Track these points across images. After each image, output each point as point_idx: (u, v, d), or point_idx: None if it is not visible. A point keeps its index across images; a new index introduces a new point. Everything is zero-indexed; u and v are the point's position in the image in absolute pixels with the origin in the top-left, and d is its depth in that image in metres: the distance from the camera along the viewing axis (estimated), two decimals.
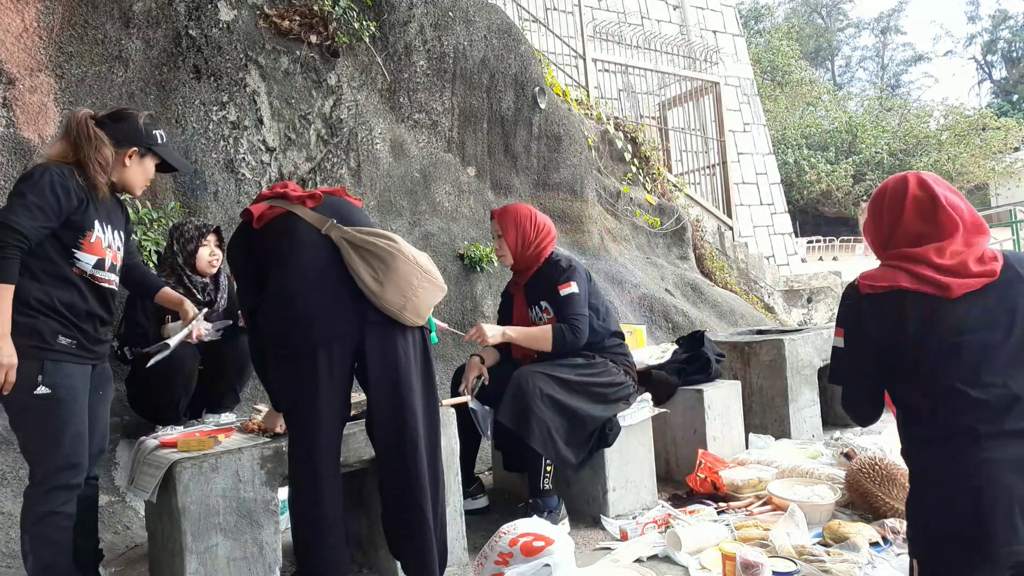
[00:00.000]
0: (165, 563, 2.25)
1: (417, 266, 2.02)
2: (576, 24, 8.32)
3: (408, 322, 2.05)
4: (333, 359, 2.02)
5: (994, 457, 1.46)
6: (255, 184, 3.97)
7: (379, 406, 2.09)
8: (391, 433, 2.08)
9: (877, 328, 1.61)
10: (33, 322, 2.08)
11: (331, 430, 2.08)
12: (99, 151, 2.18)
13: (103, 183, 2.19)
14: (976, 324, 1.52)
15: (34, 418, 2.08)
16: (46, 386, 2.07)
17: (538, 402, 2.67)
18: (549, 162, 5.64)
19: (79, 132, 2.18)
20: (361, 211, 2.26)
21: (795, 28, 29.84)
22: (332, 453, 2.09)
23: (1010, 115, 25.25)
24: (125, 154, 2.24)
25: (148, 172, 2.32)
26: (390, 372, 2.05)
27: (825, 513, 2.73)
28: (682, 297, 6.18)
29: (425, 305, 2.06)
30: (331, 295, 2.03)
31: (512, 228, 2.97)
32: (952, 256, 1.57)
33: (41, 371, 2.07)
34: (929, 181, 1.65)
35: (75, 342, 2.15)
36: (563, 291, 2.88)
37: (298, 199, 2.16)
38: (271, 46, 4.09)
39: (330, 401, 2.04)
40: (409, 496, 2.07)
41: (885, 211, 1.70)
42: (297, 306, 2.03)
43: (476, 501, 3.11)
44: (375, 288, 1.99)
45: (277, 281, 2.08)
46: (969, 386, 1.50)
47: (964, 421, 1.50)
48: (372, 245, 2.01)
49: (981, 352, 1.51)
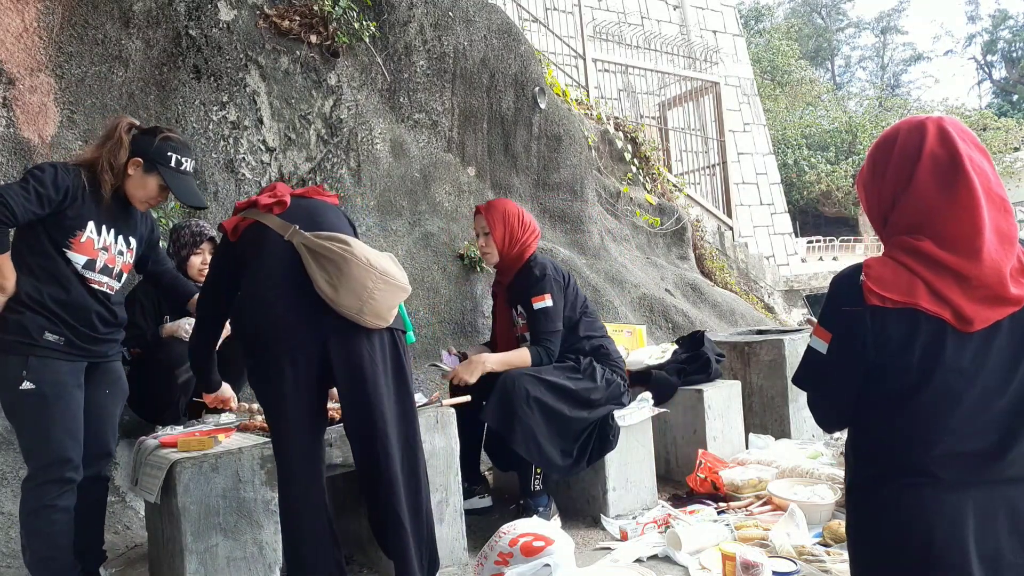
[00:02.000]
0: (165, 563, 2.26)
1: (371, 269, 1.99)
2: (576, 24, 8.32)
3: (369, 324, 2.03)
4: (299, 367, 2.02)
5: (960, 503, 1.25)
6: (255, 184, 3.97)
7: (347, 411, 2.09)
8: (361, 438, 2.08)
9: (876, 347, 1.27)
10: (19, 318, 2.12)
11: (302, 437, 2.07)
12: (113, 152, 2.25)
13: (107, 182, 2.24)
14: (982, 367, 1.24)
15: (23, 413, 2.15)
16: (30, 382, 2.11)
17: (524, 406, 2.66)
18: (549, 162, 5.64)
19: (109, 132, 2.29)
20: (332, 210, 2.26)
21: (795, 28, 29.83)
22: (307, 458, 2.08)
23: (1010, 115, 25.23)
24: (131, 162, 2.28)
25: (149, 190, 2.33)
26: (355, 376, 2.04)
27: (825, 513, 2.73)
28: (682, 297, 6.18)
29: (385, 307, 2.04)
30: (294, 303, 2.03)
31: (500, 224, 2.90)
32: (991, 270, 1.22)
33: (25, 367, 2.11)
34: (952, 132, 1.28)
35: (63, 339, 2.17)
36: (536, 304, 2.82)
37: (265, 207, 2.16)
38: (271, 46, 4.08)
39: (298, 409, 2.03)
40: (383, 499, 2.06)
41: (891, 169, 1.32)
42: (262, 315, 2.05)
43: (481, 500, 3.11)
44: (330, 293, 1.98)
45: (245, 290, 2.12)
46: (957, 437, 1.25)
47: (941, 471, 1.26)
48: (326, 250, 2.00)
49: (979, 399, 1.24)
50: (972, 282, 1.22)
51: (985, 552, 1.25)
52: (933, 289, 1.23)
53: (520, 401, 2.65)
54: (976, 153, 1.28)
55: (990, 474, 1.25)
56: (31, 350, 2.12)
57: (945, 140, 1.27)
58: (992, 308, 1.23)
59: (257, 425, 2.43)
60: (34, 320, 2.13)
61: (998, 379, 1.24)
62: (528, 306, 2.84)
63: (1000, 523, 1.25)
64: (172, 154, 2.30)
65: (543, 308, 2.81)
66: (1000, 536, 1.25)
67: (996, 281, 1.22)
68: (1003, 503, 1.26)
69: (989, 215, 1.23)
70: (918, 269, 1.25)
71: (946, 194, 1.25)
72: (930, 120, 1.31)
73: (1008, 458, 1.25)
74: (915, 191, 1.28)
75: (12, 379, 2.11)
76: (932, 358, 1.24)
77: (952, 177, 1.25)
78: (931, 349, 1.24)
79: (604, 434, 2.85)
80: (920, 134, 1.29)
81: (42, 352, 2.13)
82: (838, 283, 1.34)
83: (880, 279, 1.26)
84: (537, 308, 2.82)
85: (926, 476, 1.27)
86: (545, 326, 2.82)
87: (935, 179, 1.26)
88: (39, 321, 2.13)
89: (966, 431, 1.25)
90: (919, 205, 1.28)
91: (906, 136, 1.31)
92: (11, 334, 2.11)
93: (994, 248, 1.22)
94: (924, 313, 1.23)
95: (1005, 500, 1.26)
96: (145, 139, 2.30)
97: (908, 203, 1.29)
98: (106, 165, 2.23)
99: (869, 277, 1.27)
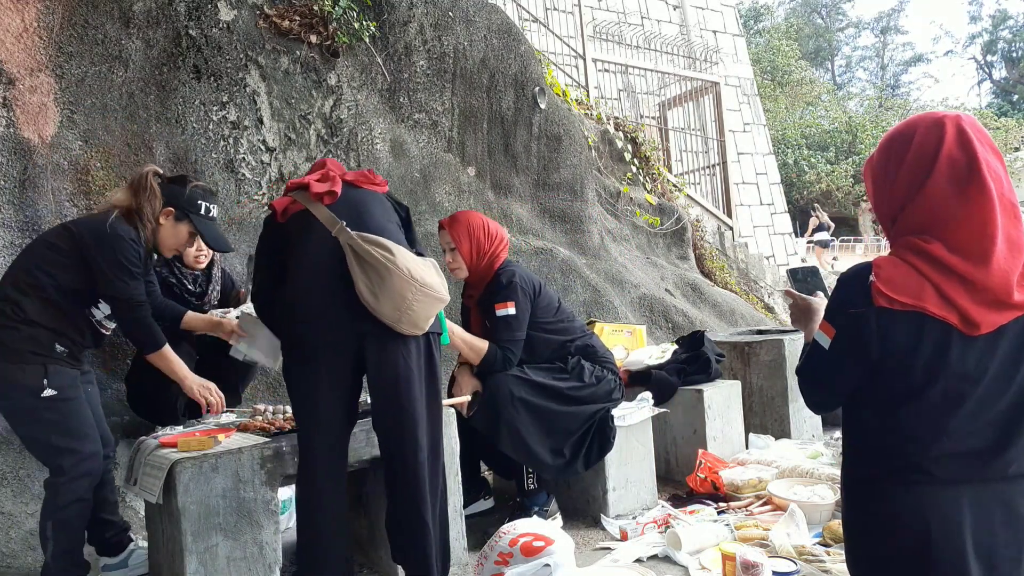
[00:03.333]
0: (165, 563, 2.26)
1: (412, 281, 1.99)
2: (576, 24, 8.32)
3: (405, 332, 2.04)
4: (334, 364, 2.04)
5: (956, 500, 1.25)
6: (255, 184, 3.97)
7: (381, 414, 2.10)
8: (393, 442, 2.10)
9: (880, 348, 1.26)
10: (34, 331, 2.20)
11: (330, 434, 2.09)
12: (151, 203, 2.33)
13: (150, 233, 2.33)
14: (986, 371, 1.23)
15: (46, 419, 2.19)
16: (52, 388, 2.18)
17: (509, 407, 2.65)
18: (549, 162, 5.64)
19: (140, 183, 2.35)
20: (380, 203, 2.25)
21: (795, 28, 29.85)
22: (332, 456, 2.10)
23: (1010, 115, 25.25)
24: (163, 212, 2.35)
25: (179, 237, 2.42)
26: (389, 381, 2.05)
27: (825, 513, 2.73)
28: (682, 297, 6.18)
29: (423, 317, 2.05)
30: (333, 300, 2.04)
31: (466, 238, 2.80)
32: (999, 277, 1.21)
33: (45, 375, 2.18)
34: (971, 135, 1.25)
35: (67, 351, 2.27)
36: (499, 311, 2.75)
37: (316, 196, 2.15)
38: (271, 46, 4.08)
39: (329, 405, 2.05)
40: (410, 504, 2.08)
41: (906, 168, 1.28)
42: (302, 311, 2.06)
43: (485, 502, 3.11)
44: (370, 299, 1.99)
45: (290, 282, 2.12)
46: (956, 438, 1.25)
47: (937, 469, 1.26)
48: (370, 256, 2.00)
49: (980, 402, 1.24)
50: (978, 286, 1.21)
51: (981, 547, 1.25)
52: (941, 292, 1.22)
53: (505, 403, 2.65)
54: (992, 157, 1.25)
55: (986, 473, 1.26)
56: (47, 359, 2.20)
57: (964, 143, 1.24)
58: (998, 313, 1.22)
59: (257, 425, 2.43)
60: (46, 335, 2.22)
61: (1000, 383, 1.24)
62: (491, 313, 2.77)
63: (995, 518, 1.26)
64: (202, 202, 2.41)
65: (505, 316, 2.74)
66: (995, 530, 1.26)
67: (1002, 288, 1.21)
68: (998, 499, 1.27)
69: (1002, 223, 1.22)
70: (927, 271, 1.23)
71: (961, 199, 1.23)
72: (948, 118, 1.27)
73: (1005, 458, 1.26)
74: (929, 193, 1.25)
75: (34, 386, 2.16)
76: (937, 361, 1.23)
77: (968, 182, 1.23)
78: (937, 353, 1.23)
79: (604, 435, 2.85)
80: (939, 134, 1.26)
81: (54, 361, 2.22)
82: (847, 280, 1.32)
83: (890, 280, 1.24)
84: (499, 315, 2.75)
85: (922, 474, 1.27)
86: (505, 334, 2.74)
87: (951, 183, 1.24)
88: (50, 336, 2.23)
89: (965, 432, 1.25)
90: (932, 207, 1.25)
91: (924, 135, 1.27)
92: (25, 344, 2.18)
93: (1004, 256, 1.22)
94: (931, 316, 1.22)
95: (1000, 496, 1.27)
96: (175, 188, 2.39)
97: (920, 204, 1.27)
98: (149, 217, 2.32)
99: (879, 278, 1.25)
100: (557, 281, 5.08)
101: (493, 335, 2.76)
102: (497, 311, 2.74)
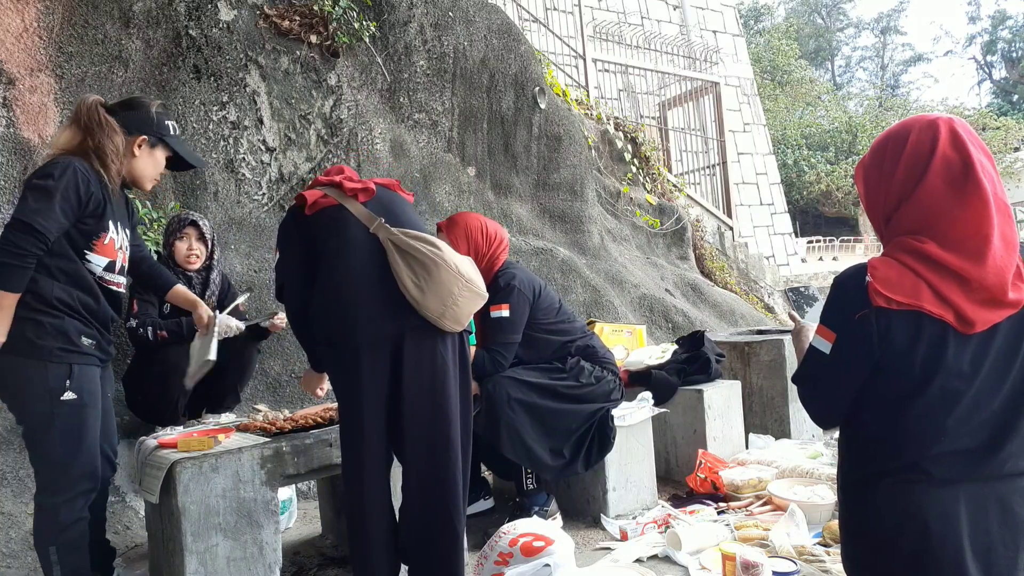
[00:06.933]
0: (165, 563, 2.25)
1: (459, 275, 1.99)
2: (576, 24, 8.32)
3: (447, 328, 2.03)
4: (376, 360, 2.01)
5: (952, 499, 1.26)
6: (255, 184, 3.97)
7: (415, 415, 2.04)
8: (428, 445, 2.04)
9: (881, 348, 1.27)
10: (60, 323, 2.00)
11: (375, 427, 2.04)
12: (111, 138, 2.07)
13: (116, 173, 2.09)
14: (980, 369, 1.24)
15: (60, 426, 2.00)
16: (73, 391, 2.00)
17: (506, 409, 2.65)
18: (549, 162, 5.64)
19: (90, 118, 2.06)
20: (411, 208, 2.24)
21: (795, 28, 29.84)
22: (379, 454, 2.06)
23: (1010, 115, 25.22)
24: (134, 142, 2.14)
25: (158, 164, 2.21)
26: (426, 379, 2.02)
27: (825, 513, 2.73)
28: (682, 297, 6.18)
29: (465, 313, 2.03)
30: (375, 296, 2.01)
31: (463, 241, 2.76)
32: (994, 275, 1.22)
33: (70, 375, 2.00)
34: (964, 137, 1.27)
35: (95, 343, 2.09)
36: (493, 313, 2.71)
37: (351, 192, 2.12)
38: (271, 46, 4.08)
39: (373, 399, 2.02)
40: (442, 511, 2.03)
41: (901, 169, 1.30)
42: (343, 305, 2.03)
43: (485, 502, 3.12)
44: (416, 295, 1.97)
45: (325, 277, 2.07)
46: (952, 437, 1.25)
47: (935, 468, 1.26)
48: (416, 251, 1.98)
49: (975, 400, 1.25)
50: (973, 284, 1.22)
51: (978, 546, 1.26)
52: (937, 291, 1.23)
53: (502, 404, 2.64)
54: (984, 158, 1.27)
55: (982, 471, 1.26)
56: (73, 357, 2.01)
57: (958, 144, 1.26)
58: (992, 311, 1.23)
59: (257, 425, 2.43)
60: (73, 324, 2.01)
61: (993, 380, 1.25)
62: (485, 314, 2.73)
63: (991, 516, 1.27)
64: (169, 122, 2.22)
65: (498, 317, 2.72)
66: (991, 529, 1.26)
67: (997, 286, 1.22)
68: (994, 498, 1.27)
69: (997, 221, 1.24)
70: (922, 271, 1.24)
71: (956, 199, 1.25)
72: (942, 120, 1.29)
73: (1000, 456, 1.26)
74: (924, 194, 1.27)
75: (55, 389, 1.97)
76: (934, 360, 1.24)
77: (963, 182, 1.24)
78: (934, 351, 1.24)
79: (604, 435, 2.85)
80: (933, 135, 1.27)
81: (82, 359, 2.04)
82: (843, 284, 1.32)
83: (886, 280, 1.25)
84: (493, 316, 2.72)
85: (919, 473, 1.27)
86: (498, 336, 2.73)
87: (945, 183, 1.25)
88: (76, 325, 2.02)
89: (960, 431, 1.26)
90: (927, 208, 1.27)
91: (918, 136, 1.29)
92: (53, 340, 1.98)
93: (1000, 254, 1.23)
94: (927, 315, 1.23)
95: (996, 495, 1.27)
96: (134, 115, 2.15)
97: (915, 205, 1.28)
98: (111, 152, 2.05)
99: (875, 278, 1.26)
100: (557, 281, 5.08)
101: (485, 337, 2.76)
102: (491, 312, 2.72)
